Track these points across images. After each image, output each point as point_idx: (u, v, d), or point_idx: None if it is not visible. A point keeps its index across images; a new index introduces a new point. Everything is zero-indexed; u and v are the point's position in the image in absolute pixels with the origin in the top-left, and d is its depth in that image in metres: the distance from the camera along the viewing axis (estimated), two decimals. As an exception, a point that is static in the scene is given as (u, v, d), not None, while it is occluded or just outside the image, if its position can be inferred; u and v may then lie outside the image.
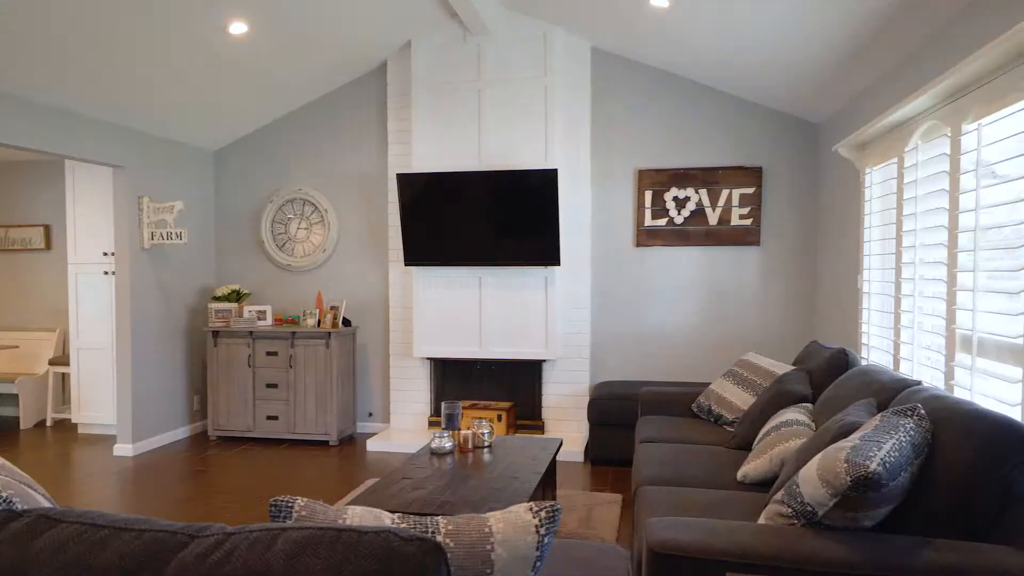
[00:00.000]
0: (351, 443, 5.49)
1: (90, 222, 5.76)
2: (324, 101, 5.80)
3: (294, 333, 5.40)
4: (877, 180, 3.73)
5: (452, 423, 3.49)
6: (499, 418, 5.05)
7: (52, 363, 6.12)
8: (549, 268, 5.12)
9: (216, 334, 5.53)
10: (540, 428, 5.26)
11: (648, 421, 3.82)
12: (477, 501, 2.67)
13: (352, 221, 5.79)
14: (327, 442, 5.47)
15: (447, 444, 3.35)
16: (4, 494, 1.51)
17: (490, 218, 5.07)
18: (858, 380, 2.73)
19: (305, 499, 1.30)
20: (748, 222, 5.00)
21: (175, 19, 3.97)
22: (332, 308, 5.53)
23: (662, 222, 5.14)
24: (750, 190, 4.99)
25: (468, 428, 3.46)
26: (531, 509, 1.34)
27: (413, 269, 5.39)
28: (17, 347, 5.98)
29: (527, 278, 5.19)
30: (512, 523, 1.31)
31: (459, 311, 5.31)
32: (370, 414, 5.81)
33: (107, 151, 4.94)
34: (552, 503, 1.35)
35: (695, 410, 3.92)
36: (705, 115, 5.10)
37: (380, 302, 5.76)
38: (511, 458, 3.26)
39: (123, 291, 5.17)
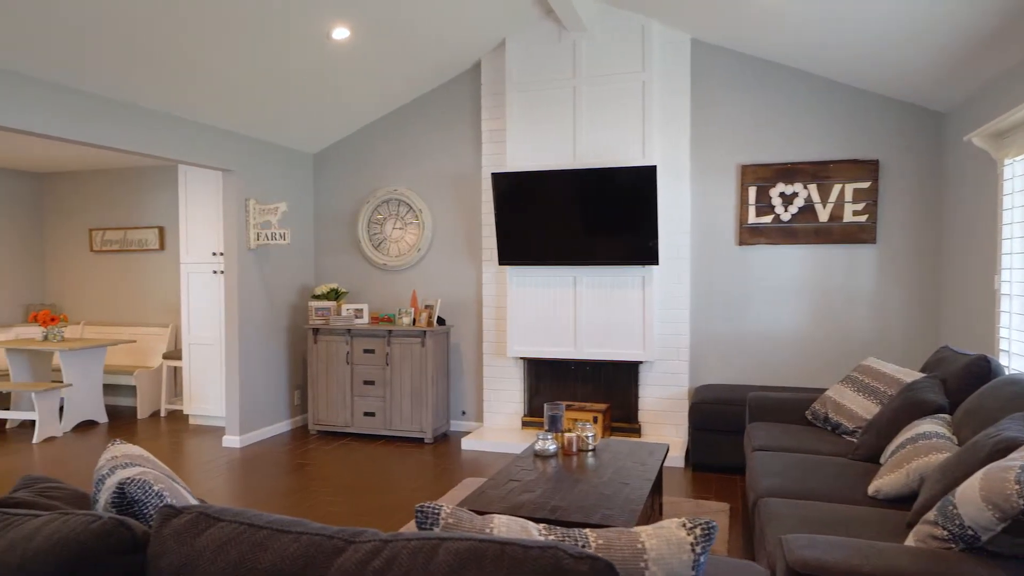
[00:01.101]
0: (445, 441, 5.53)
1: (200, 224, 6.05)
2: (419, 103, 5.87)
3: (390, 331, 5.49)
4: (1020, 172, 3.41)
5: (555, 425, 3.43)
6: (595, 420, 4.96)
7: (165, 357, 6.46)
8: (647, 267, 4.99)
9: (316, 331, 5.69)
10: (637, 431, 5.14)
11: (759, 428, 3.65)
12: (589, 507, 2.60)
13: (446, 221, 5.84)
14: (422, 439, 5.53)
15: (551, 447, 3.30)
16: (156, 488, 1.55)
17: (586, 217, 4.98)
18: (1008, 390, 2.49)
19: (451, 506, 1.26)
20: (863, 219, 4.70)
21: (283, 28, 4.10)
22: (427, 307, 5.59)
23: (767, 219, 4.91)
24: (865, 184, 4.69)
25: (570, 430, 3.39)
26: (684, 525, 1.26)
27: (507, 268, 5.38)
28: (135, 342, 6.36)
29: (624, 277, 5.07)
30: (665, 540, 1.24)
31: (553, 311, 5.26)
32: (463, 412, 5.84)
33: (218, 156, 5.17)
34: (707, 520, 1.26)
35: (809, 417, 3.71)
36: (814, 106, 4.83)
37: (473, 301, 5.78)
38: (618, 463, 3.17)
39: (231, 290, 5.39)
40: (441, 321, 5.65)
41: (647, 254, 4.85)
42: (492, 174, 5.14)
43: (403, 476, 4.62)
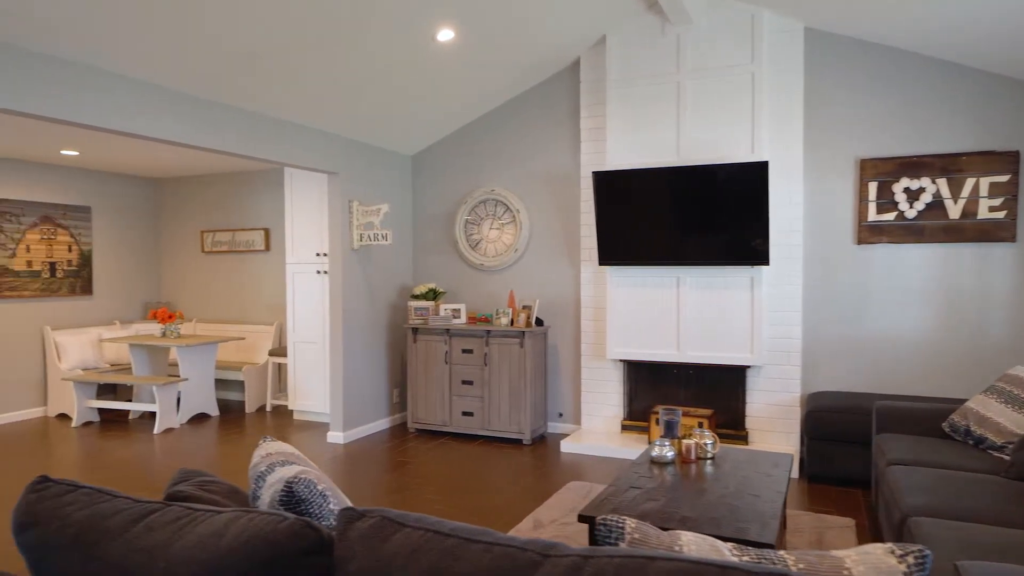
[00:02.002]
0: (543, 443, 5.49)
1: (304, 225, 6.25)
2: (516, 102, 5.86)
3: (489, 331, 5.50)
4: None
5: (672, 431, 3.33)
6: (700, 426, 4.80)
7: (271, 354, 6.71)
8: (755, 267, 4.79)
9: (415, 331, 5.77)
10: (743, 438, 4.94)
11: (890, 440, 3.42)
12: (721, 519, 2.49)
13: (543, 220, 5.80)
14: (520, 440, 5.51)
15: (669, 453, 3.19)
16: (320, 487, 1.57)
17: (690, 215, 4.83)
18: None
19: (635, 520, 1.20)
20: (1000, 215, 4.35)
21: (388, 33, 4.15)
22: (525, 307, 5.56)
23: (890, 216, 4.62)
24: (1003, 178, 4.34)
25: (685, 436, 3.28)
26: (893, 552, 1.16)
27: (607, 269, 5.29)
28: (243, 339, 6.63)
29: (731, 278, 4.89)
30: (874, 567, 1.14)
31: (655, 312, 5.12)
32: (560, 414, 5.79)
33: (323, 159, 5.31)
34: (919, 548, 1.15)
35: (947, 430, 3.45)
36: (942, 94, 4.51)
37: (571, 302, 5.71)
38: (741, 472, 3.04)
39: (335, 289, 5.53)
40: (539, 322, 5.61)
41: (756, 254, 4.65)
42: (593, 173, 5.06)
43: (504, 477, 4.61)
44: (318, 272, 6.20)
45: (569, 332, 5.73)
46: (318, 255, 6.20)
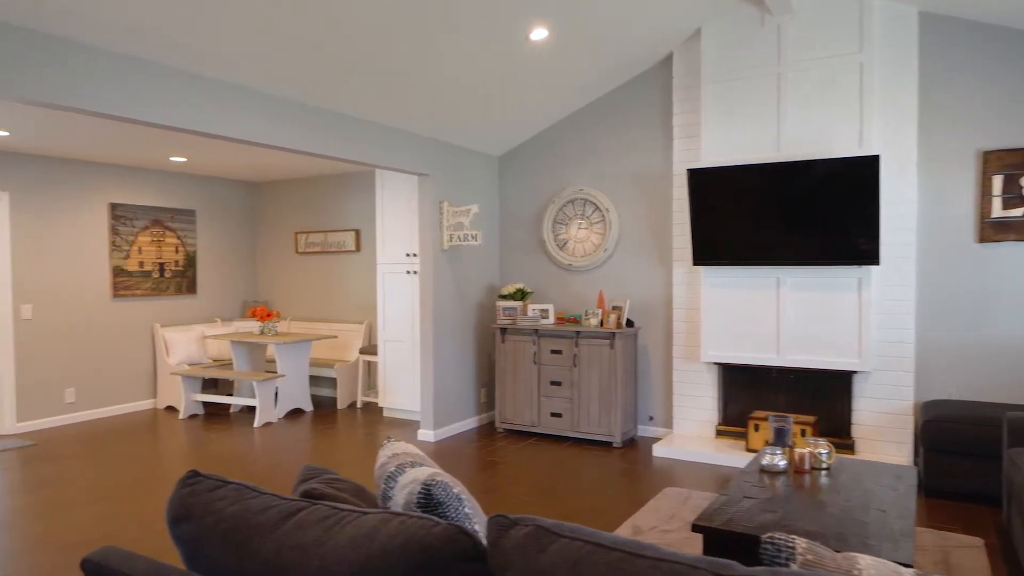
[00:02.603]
0: (633, 446, 5.39)
1: (395, 226, 6.36)
2: (605, 101, 5.78)
3: (578, 332, 5.44)
4: None
5: (782, 439, 3.19)
6: (803, 433, 4.60)
7: (362, 352, 6.88)
8: (863, 267, 4.54)
9: (504, 331, 5.78)
10: (850, 447, 4.70)
11: (1027, 454, 3.16)
12: (848, 534, 2.35)
13: (633, 220, 5.70)
14: (610, 443, 5.43)
15: (780, 462, 3.05)
16: (455, 490, 1.56)
17: (791, 213, 4.63)
18: None
19: (805, 540, 1.13)
20: None
21: (481, 34, 4.16)
22: (615, 308, 5.48)
23: (1017, 212, 4.28)
24: None
25: (802, 446, 3.13)
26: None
27: (701, 269, 5.14)
28: (336, 337, 6.82)
29: (836, 279, 4.66)
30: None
31: (753, 314, 4.94)
32: (651, 418, 5.67)
33: (415, 160, 5.39)
34: None
35: (1092, 445, 3.16)
36: (1079, 80, 4.15)
37: (662, 303, 5.59)
38: (862, 485, 2.87)
39: (426, 290, 5.61)
40: (630, 323, 5.51)
41: (865, 253, 4.41)
42: (688, 170, 4.93)
43: (596, 480, 4.55)
44: (408, 272, 6.30)
45: (660, 334, 5.61)
46: (408, 255, 6.30)
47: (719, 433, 5.21)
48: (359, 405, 6.98)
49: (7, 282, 5.93)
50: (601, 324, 5.48)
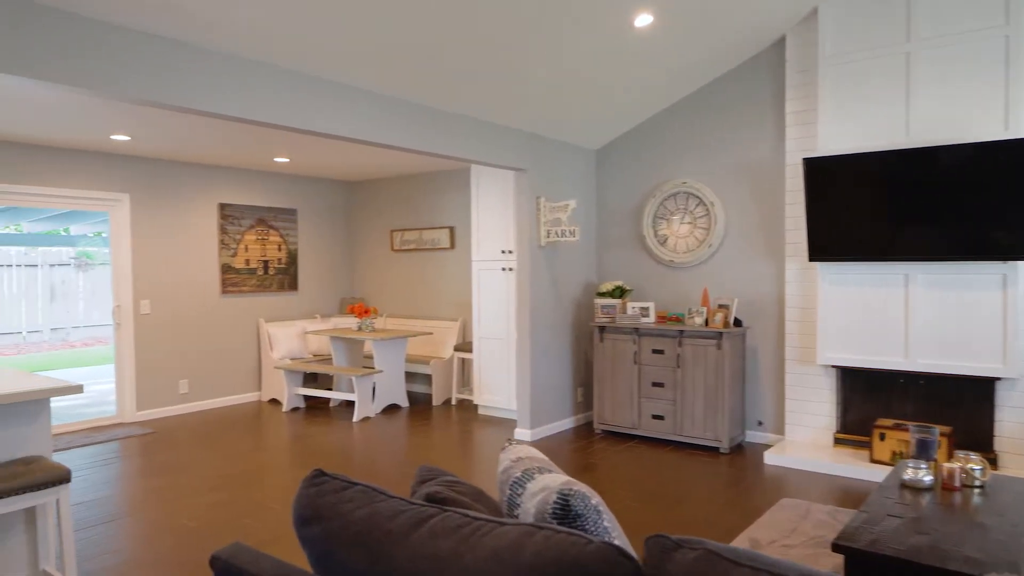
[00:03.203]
0: (741, 452, 5.10)
1: (490, 223, 6.31)
2: (709, 89, 5.50)
3: (682, 331, 5.21)
4: None
5: (926, 452, 2.88)
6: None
7: (456, 349, 6.87)
8: (1009, 263, 4.10)
9: (602, 329, 5.61)
10: (992, 462, 4.25)
11: None
12: (1022, 563, 2.06)
13: (740, 213, 5.40)
14: (717, 449, 5.17)
15: (926, 478, 2.75)
16: (593, 501, 1.44)
17: (922, 204, 4.23)
18: None
19: None
20: None
21: (581, 23, 4.01)
22: (721, 307, 5.21)
23: None
24: None
25: (948, 460, 2.81)
26: None
27: (818, 265, 4.79)
28: (431, 334, 6.84)
29: (976, 275, 4.22)
30: None
31: (877, 314, 4.56)
32: (760, 423, 5.36)
33: (512, 156, 5.30)
34: None
35: None
36: None
37: (773, 301, 5.27)
38: (1027, 507, 2.54)
39: (523, 287, 5.51)
40: (737, 322, 5.23)
41: (1010, 247, 3.97)
42: (804, 160, 4.60)
43: (703, 487, 4.31)
44: (503, 269, 6.24)
45: (771, 334, 5.29)
46: (503, 252, 6.23)
47: (837, 441, 4.85)
48: (454, 402, 6.99)
49: (128, 279, 6.28)
50: (706, 323, 5.22)
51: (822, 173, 4.58)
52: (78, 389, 2.90)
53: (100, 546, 3.49)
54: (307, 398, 7.21)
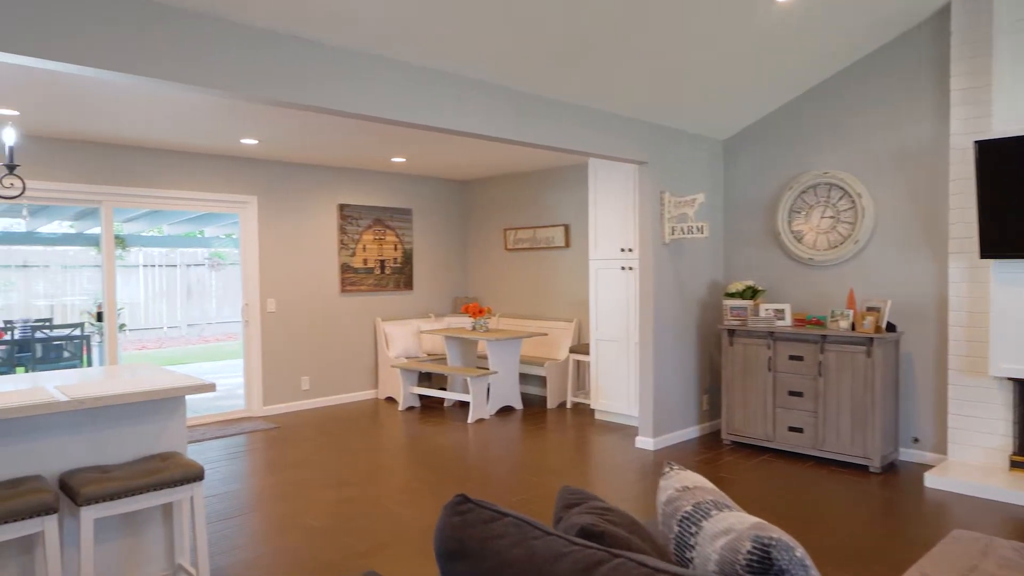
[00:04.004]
0: (894, 473, 4.57)
1: (608, 220, 6.05)
2: (854, 70, 4.98)
3: (824, 336, 4.73)
4: None
5: None
6: None
7: (572, 351, 6.65)
8: None
9: (732, 332, 5.21)
10: None
11: None
12: None
13: (892, 206, 4.84)
14: (866, 467, 4.66)
15: None
16: (798, 553, 1.17)
17: None
18: None
19: None
20: None
21: (719, 2, 3.67)
22: (870, 309, 4.69)
23: None
24: None
25: None
26: None
27: (991, 263, 4.20)
28: (546, 335, 6.66)
29: None
30: None
31: (1068, 319, 3.92)
32: (915, 440, 4.79)
33: (634, 148, 5.01)
34: None
35: None
36: None
37: (932, 303, 4.69)
38: None
39: (646, 287, 5.21)
40: (890, 327, 4.69)
41: None
42: (976, 143, 4.04)
43: (853, 511, 3.86)
44: (622, 268, 5.95)
45: (929, 340, 4.71)
46: (622, 250, 5.95)
47: (1014, 465, 4.22)
48: (569, 406, 6.77)
49: (256, 277, 6.51)
50: (853, 327, 4.72)
51: (997, 157, 3.99)
52: (211, 387, 2.92)
53: (230, 540, 3.54)
54: (422, 397, 7.23)
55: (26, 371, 7.79)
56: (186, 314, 14.20)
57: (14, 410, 2.43)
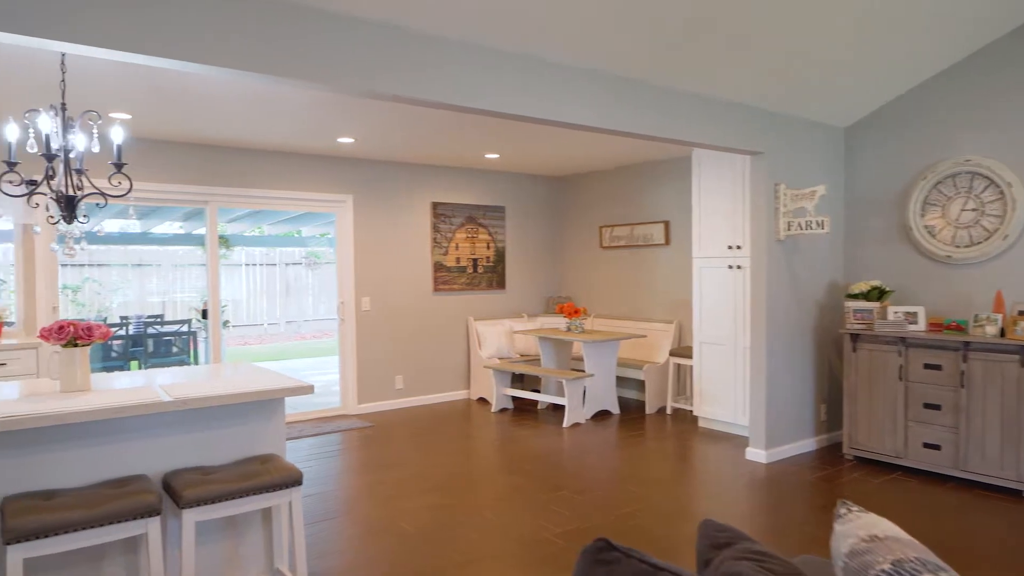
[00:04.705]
0: (1054, 500, 4.01)
1: (713, 216, 5.67)
2: (1000, 45, 4.40)
3: (967, 343, 4.21)
4: None
5: None
6: None
7: (672, 354, 6.31)
8: None
9: (855, 337, 4.75)
10: None
11: None
12: None
13: (1052, 196, 4.25)
14: (1020, 492, 4.11)
15: None
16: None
17: None
18: None
19: None
20: None
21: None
22: (1023, 313, 4.13)
23: None
24: None
25: None
26: None
27: None
28: (646, 336, 6.35)
29: None
30: None
31: None
32: (1079, 463, 4.19)
33: (746, 137, 4.64)
34: None
35: None
36: None
37: (1102, 308, 4.08)
38: None
39: (758, 286, 4.83)
40: (1050, 334, 4.11)
41: None
42: None
43: (1008, 544, 3.37)
44: (730, 267, 5.57)
45: (1097, 350, 4.10)
46: (729, 248, 5.56)
47: None
48: (669, 411, 6.43)
49: (351, 276, 6.54)
50: (1002, 334, 4.18)
51: None
52: (310, 389, 2.83)
53: (326, 544, 3.47)
54: (515, 399, 7.07)
55: (139, 365, 8.19)
56: (284, 311, 14.70)
57: (122, 409, 2.41)
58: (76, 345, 2.65)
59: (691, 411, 6.12)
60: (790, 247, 4.95)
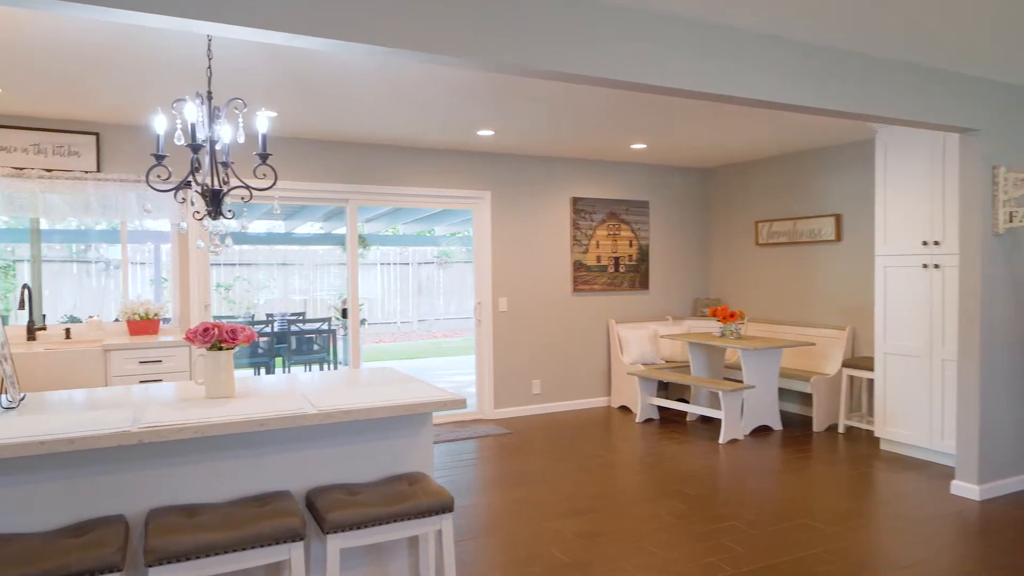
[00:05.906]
0: None
1: (902, 207, 4.87)
2: None
3: None
4: None
5: None
6: None
7: (845, 365, 5.54)
8: None
9: (1103, 353, 3.84)
10: None
11: None
12: None
13: None
14: None
15: None
16: None
17: None
18: None
19: None
20: None
21: None
22: None
23: None
24: None
25: None
26: None
27: None
28: (814, 344, 5.63)
29: None
30: None
31: None
32: None
33: (955, 112, 3.87)
34: None
35: None
36: None
37: None
38: None
39: (969, 288, 4.04)
40: None
41: None
42: None
43: None
44: (924, 266, 4.75)
45: None
46: (924, 244, 4.75)
47: None
48: (841, 430, 5.65)
49: (488, 275, 6.29)
50: None
51: None
52: (462, 403, 2.53)
53: (472, 568, 3.17)
54: (661, 409, 6.54)
55: (283, 362, 8.43)
56: (417, 310, 14.92)
57: (265, 422, 2.20)
58: (221, 348, 2.49)
59: (871, 431, 5.33)
60: (1011, 242, 4.11)
